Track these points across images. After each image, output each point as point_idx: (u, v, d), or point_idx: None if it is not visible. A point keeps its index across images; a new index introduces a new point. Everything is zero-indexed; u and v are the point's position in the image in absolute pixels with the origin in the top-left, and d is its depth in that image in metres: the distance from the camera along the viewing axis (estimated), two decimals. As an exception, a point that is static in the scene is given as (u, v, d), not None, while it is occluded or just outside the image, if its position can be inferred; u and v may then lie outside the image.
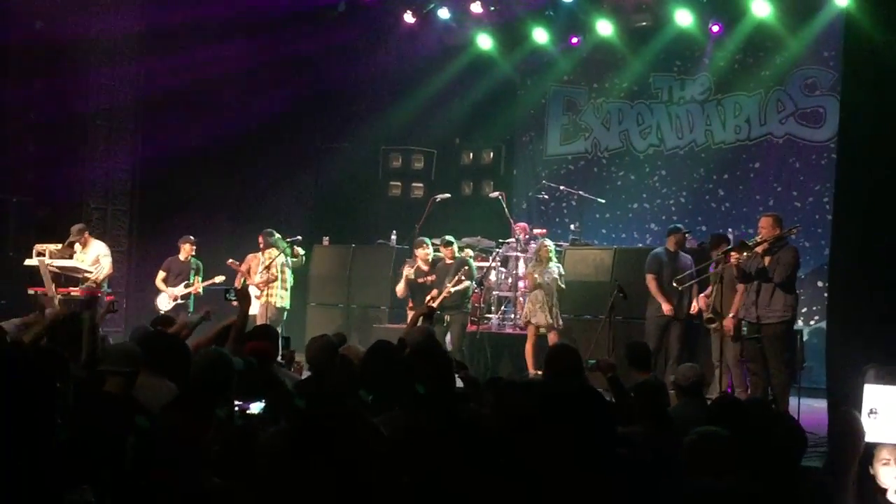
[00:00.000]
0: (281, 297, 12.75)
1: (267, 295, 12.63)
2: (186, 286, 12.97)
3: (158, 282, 13.17)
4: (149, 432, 4.48)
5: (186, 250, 13.18)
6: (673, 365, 10.57)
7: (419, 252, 12.57)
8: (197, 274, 13.09)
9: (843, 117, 8.08)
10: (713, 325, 10.29)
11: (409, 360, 5.68)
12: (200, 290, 13.05)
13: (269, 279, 12.58)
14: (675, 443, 4.63)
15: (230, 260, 13.02)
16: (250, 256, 13.09)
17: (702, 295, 10.65)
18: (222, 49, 14.48)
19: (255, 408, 5.41)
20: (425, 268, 12.45)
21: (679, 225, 12.00)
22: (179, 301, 12.91)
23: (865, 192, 7.41)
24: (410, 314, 12.19)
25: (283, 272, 12.74)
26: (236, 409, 5.30)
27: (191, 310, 12.84)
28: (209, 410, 4.86)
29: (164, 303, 12.88)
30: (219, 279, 13.02)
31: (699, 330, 11.32)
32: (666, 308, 11.16)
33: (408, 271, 12.42)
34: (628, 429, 5.50)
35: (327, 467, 3.50)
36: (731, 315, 10.03)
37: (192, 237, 13.26)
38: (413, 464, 3.91)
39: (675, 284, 10.93)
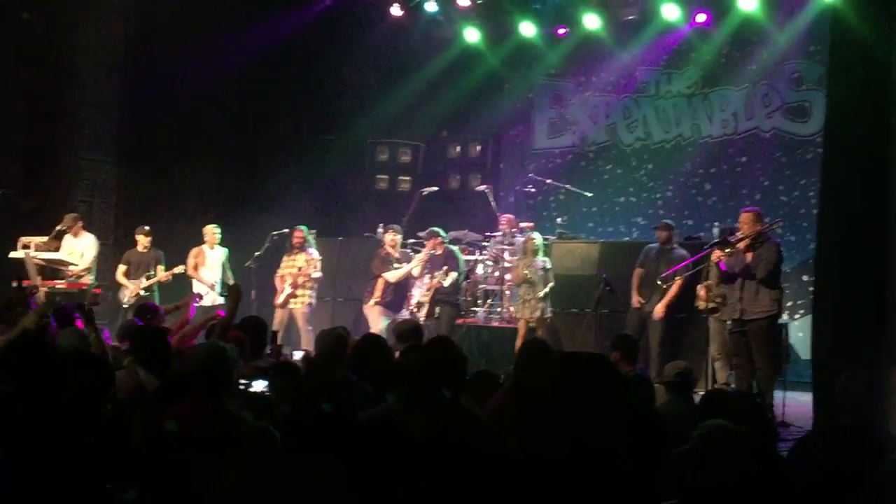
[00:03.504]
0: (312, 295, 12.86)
1: (301, 299, 12.69)
2: (148, 278, 12.67)
3: (119, 276, 12.89)
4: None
5: (143, 241, 12.89)
6: (655, 361, 10.60)
7: (387, 238, 12.58)
8: (159, 263, 12.79)
9: (829, 112, 8.11)
10: (716, 315, 10.28)
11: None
12: (170, 277, 12.78)
13: (308, 281, 12.67)
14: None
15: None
16: (195, 250, 13.01)
17: (700, 286, 10.58)
18: (207, 43, 14.45)
19: (259, 386, 5.43)
20: (395, 255, 12.46)
21: (667, 220, 12.04)
22: (143, 293, 12.55)
23: (851, 187, 7.44)
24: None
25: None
26: (241, 386, 5.34)
27: (157, 301, 12.71)
28: (215, 402, 4.88)
29: (127, 297, 12.61)
30: (178, 269, 12.79)
31: (685, 325, 11.38)
32: (633, 301, 11.23)
33: (383, 273, 12.37)
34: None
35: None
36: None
37: (146, 227, 12.99)
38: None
39: (658, 282, 10.97)
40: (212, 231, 13.09)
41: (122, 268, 12.93)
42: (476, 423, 4.69)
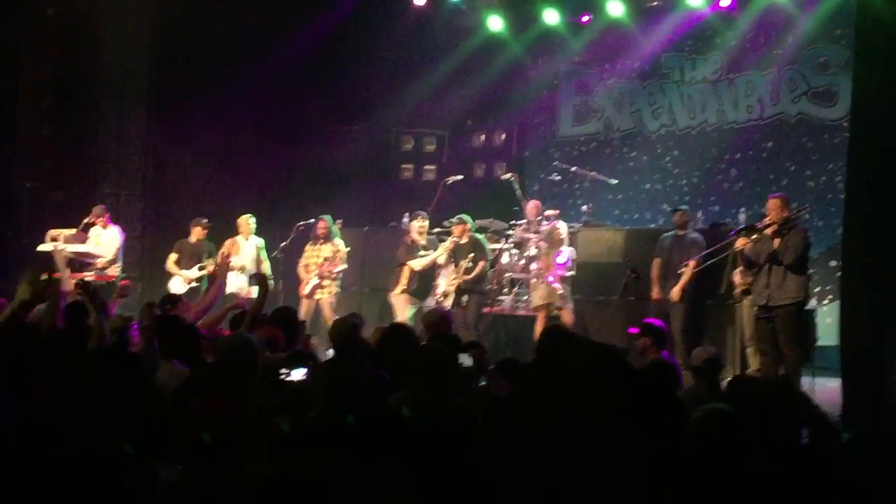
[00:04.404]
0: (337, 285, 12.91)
1: (328, 289, 12.73)
2: (200, 269, 12.84)
3: (170, 265, 12.99)
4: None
5: (198, 233, 13.03)
6: (678, 348, 10.55)
7: (414, 225, 12.56)
8: (210, 256, 12.87)
9: (856, 96, 8.06)
10: (748, 298, 10.23)
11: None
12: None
13: (334, 272, 12.71)
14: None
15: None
16: (229, 242, 13.08)
17: (736, 271, 10.41)
18: (232, 36, 14.52)
19: (297, 374, 5.46)
20: (422, 242, 12.45)
21: (681, 206, 11.98)
22: (193, 284, 12.76)
23: (878, 171, 7.40)
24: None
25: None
26: (281, 376, 5.36)
27: (202, 293, 12.84)
28: (239, 392, 4.91)
29: (178, 286, 12.72)
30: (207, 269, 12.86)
31: (710, 312, 11.36)
32: (654, 293, 11.23)
33: (408, 261, 12.36)
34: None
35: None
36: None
37: (204, 219, 13.13)
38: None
39: (679, 272, 10.96)
40: (246, 221, 13.12)
41: (173, 256, 13.00)
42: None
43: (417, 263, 12.23)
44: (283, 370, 5.39)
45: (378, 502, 3.41)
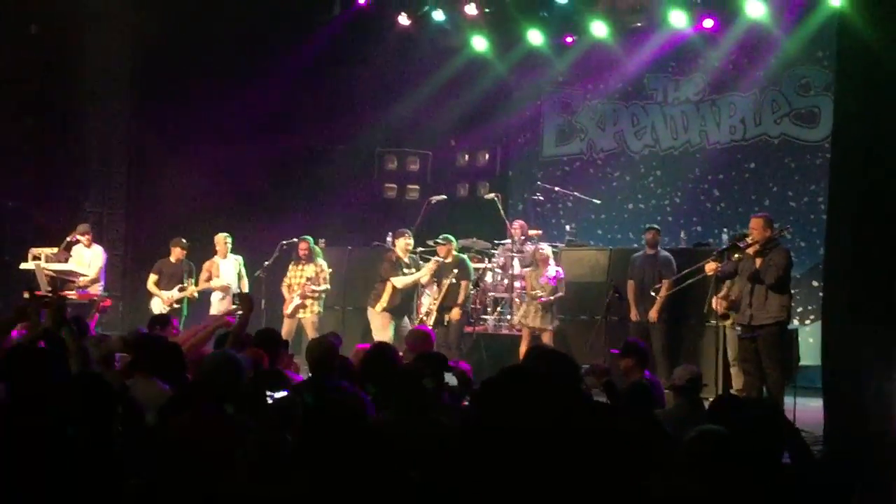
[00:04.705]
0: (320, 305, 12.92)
1: (310, 309, 12.73)
2: (180, 290, 12.79)
3: (150, 285, 12.95)
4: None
5: (177, 253, 12.99)
6: (658, 368, 10.62)
7: (399, 242, 12.52)
8: (190, 276, 12.88)
9: (837, 117, 8.10)
10: (727, 322, 10.30)
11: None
12: (195, 293, 12.96)
13: (317, 292, 12.72)
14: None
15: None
16: (208, 264, 13.06)
17: (715, 298, 10.43)
18: (217, 55, 14.54)
19: (281, 395, 5.45)
20: (405, 259, 12.42)
21: (653, 225, 12.13)
22: (175, 305, 12.69)
23: (859, 193, 7.42)
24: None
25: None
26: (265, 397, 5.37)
27: (185, 314, 12.79)
28: (218, 410, 4.89)
29: (158, 307, 12.67)
30: (214, 282, 12.93)
31: (691, 333, 11.46)
32: (632, 314, 11.50)
33: (391, 278, 12.35)
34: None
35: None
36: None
37: (183, 240, 13.09)
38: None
39: (652, 293, 11.09)
40: (223, 240, 13.11)
41: (153, 277, 12.97)
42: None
43: (400, 281, 12.21)
44: (268, 392, 5.39)
45: None
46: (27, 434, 4.28)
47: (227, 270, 12.98)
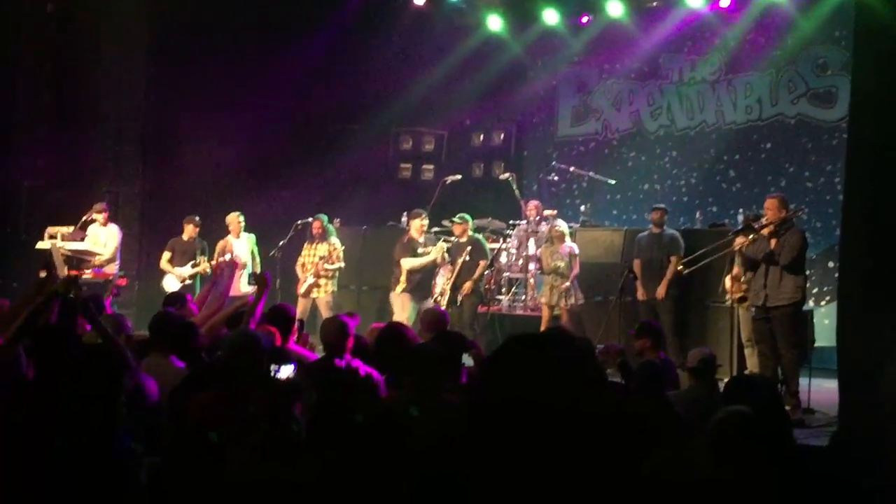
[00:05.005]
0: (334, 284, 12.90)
1: (324, 288, 12.71)
2: (193, 266, 12.83)
3: (164, 263, 13.03)
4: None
5: (190, 231, 13.09)
6: (670, 348, 10.57)
7: (414, 223, 12.51)
8: (202, 254, 12.91)
9: (854, 97, 8.05)
10: (744, 304, 10.26)
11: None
12: (208, 270, 12.96)
13: (329, 270, 12.70)
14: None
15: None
16: (222, 243, 13.07)
17: (727, 277, 10.46)
18: (231, 36, 14.53)
19: (286, 371, 5.46)
20: (420, 240, 12.41)
21: (660, 205, 12.05)
22: (187, 282, 12.72)
23: (875, 173, 7.38)
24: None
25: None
26: (270, 373, 5.37)
27: (197, 290, 12.82)
28: (239, 390, 4.91)
29: (171, 284, 12.72)
30: (201, 267, 12.87)
31: (706, 313, 11.42)
32: (638, 293, 11.40)
33: (401, 258, 12.33)
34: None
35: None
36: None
37: (196, 217, 13.17)
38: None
39: (679, 268, 11.01)
40: (236, 219, 13.14)
41: (166, 255, 13.06)
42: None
43: (409, 262, 12.19)
44: (273, 366, 5.39)
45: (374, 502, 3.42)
46: (46, 410, 4.31)
47: (240, 249, 13.02)
